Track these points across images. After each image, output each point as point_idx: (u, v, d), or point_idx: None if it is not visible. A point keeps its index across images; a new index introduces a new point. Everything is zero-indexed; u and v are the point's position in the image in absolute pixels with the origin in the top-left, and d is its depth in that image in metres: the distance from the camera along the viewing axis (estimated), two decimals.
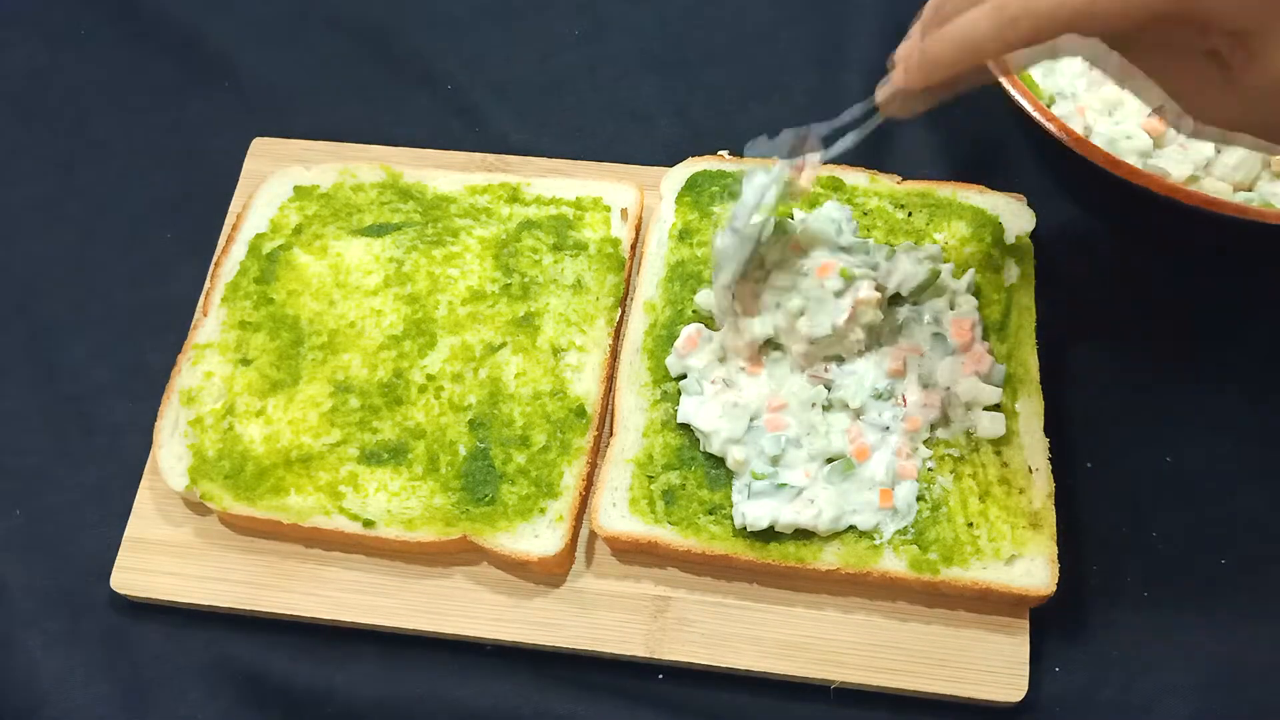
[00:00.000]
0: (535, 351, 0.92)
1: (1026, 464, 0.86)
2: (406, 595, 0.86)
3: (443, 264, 0.96)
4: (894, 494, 0.84)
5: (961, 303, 0.90)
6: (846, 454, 0.85)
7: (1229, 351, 0.95)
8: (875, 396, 0.86)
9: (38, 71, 1.15)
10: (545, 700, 0.84)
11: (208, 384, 0.91)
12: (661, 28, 1.15)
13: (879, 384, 0.87)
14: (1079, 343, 0.96)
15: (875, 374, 0.87)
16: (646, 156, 1.03)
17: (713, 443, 0.86)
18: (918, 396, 0.86)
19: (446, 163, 1.04)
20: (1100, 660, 0.85)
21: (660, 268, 0.95)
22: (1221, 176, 0.94)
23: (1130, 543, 0.88)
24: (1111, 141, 0.94)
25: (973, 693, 0.82)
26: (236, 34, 1.16)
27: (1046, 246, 0.96)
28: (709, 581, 0.86)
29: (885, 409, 0.86)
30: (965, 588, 0.82)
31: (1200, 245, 0.98)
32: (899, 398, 0.86)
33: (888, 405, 0.86)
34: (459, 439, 0.88)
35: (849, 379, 0.87)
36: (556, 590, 0.86)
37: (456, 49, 1.14)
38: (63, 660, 0.87)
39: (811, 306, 0.86)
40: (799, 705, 0.84)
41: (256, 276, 0.96)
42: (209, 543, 0.89)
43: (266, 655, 0.87)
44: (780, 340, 0.88)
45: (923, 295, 0.89)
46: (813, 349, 0.86)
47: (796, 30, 1.13)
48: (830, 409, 0.87)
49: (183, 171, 1.08)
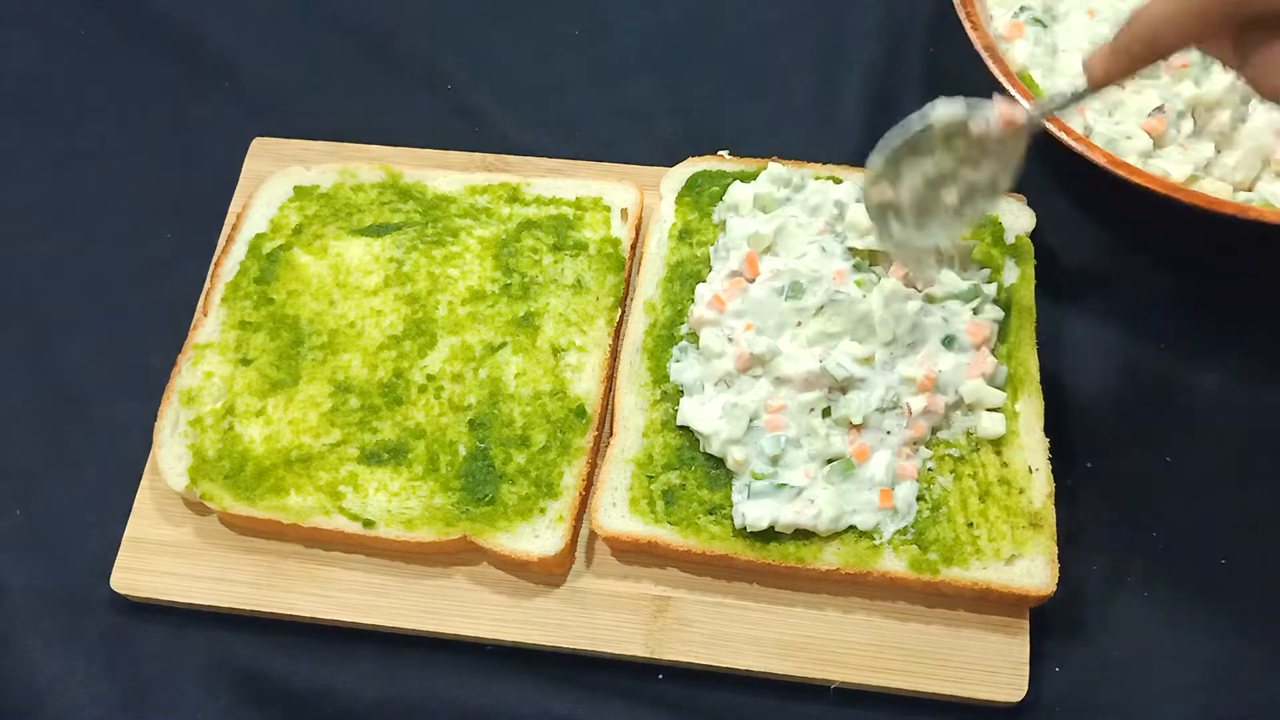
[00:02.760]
0: (535, 351, 0.92)
1: (1026, 464, 0.86)
2: (406, 595, 0.86)
3: (443, 264, 0.96)
4: (894, 494, 0.84)
5: (986, 309, 0.90)
6: (846, 454, 0.85)
7: (1229, 351, 0.95)
8: (880, 410, 0.86)
9: (38, 71, 1.15)
10: (545, 700, 0.84)
11: (208, 384, 0.91)
12: (661, 28, 1.15)
13: (886, 398, 0.86)
14: (1079, 343, 0.96)
15: (882, 390, 0.86)
16: (646, 156, 1.03)
17: (712, 444, 0.86)
18: (923, 404, 0.86)
19: (446, 163, 1.04)
20: (1100, 660, 0.85)
21: (660, 268, 0.95)
22: (1221, 176, 0.94)
23: (1130, 543, 0.88)
24: (1111, 141, 0.94)
25: (973, 693, 0.82)
26: (236, 34, 1.16)
27: (1046, 246, 0.96)
28: (709, 581, 0.86)
29: (888, 419, 0.86)
30: (965, 588, 0.82)
31: (1200, 245, 0.98)
32: (904, 407, 0.86)
33: (891, 415, 0.86)
34: (459, 439, 0.88)
35: (853, 397, 0.86)
36: (556, 590, 0.86)
37: (456, 49, 1.14)
38: (63, 660, 0.87)
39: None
40: (799, 705, 0.84)
41: (256, 276, 0.96)
42: (209, 543, 0.89)
43: (266, 655, 0.87)
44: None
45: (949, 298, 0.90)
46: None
47: (796, 30, 1.13)
48: (829, 415, 0.87)
49: (183, 171, 1.08)
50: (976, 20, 0.96)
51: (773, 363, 0.87)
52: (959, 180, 0.80)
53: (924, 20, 1.11)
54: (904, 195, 0.82)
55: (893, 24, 1.12)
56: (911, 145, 0.79)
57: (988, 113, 0.77)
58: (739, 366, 0.87)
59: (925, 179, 0.81)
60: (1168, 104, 0.95)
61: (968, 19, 0.96)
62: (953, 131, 0.78)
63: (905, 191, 0.82)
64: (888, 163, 0.80)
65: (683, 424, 0.87)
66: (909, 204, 0.82)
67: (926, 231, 0.83)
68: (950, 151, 0.79)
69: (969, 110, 0.77)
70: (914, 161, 0.80)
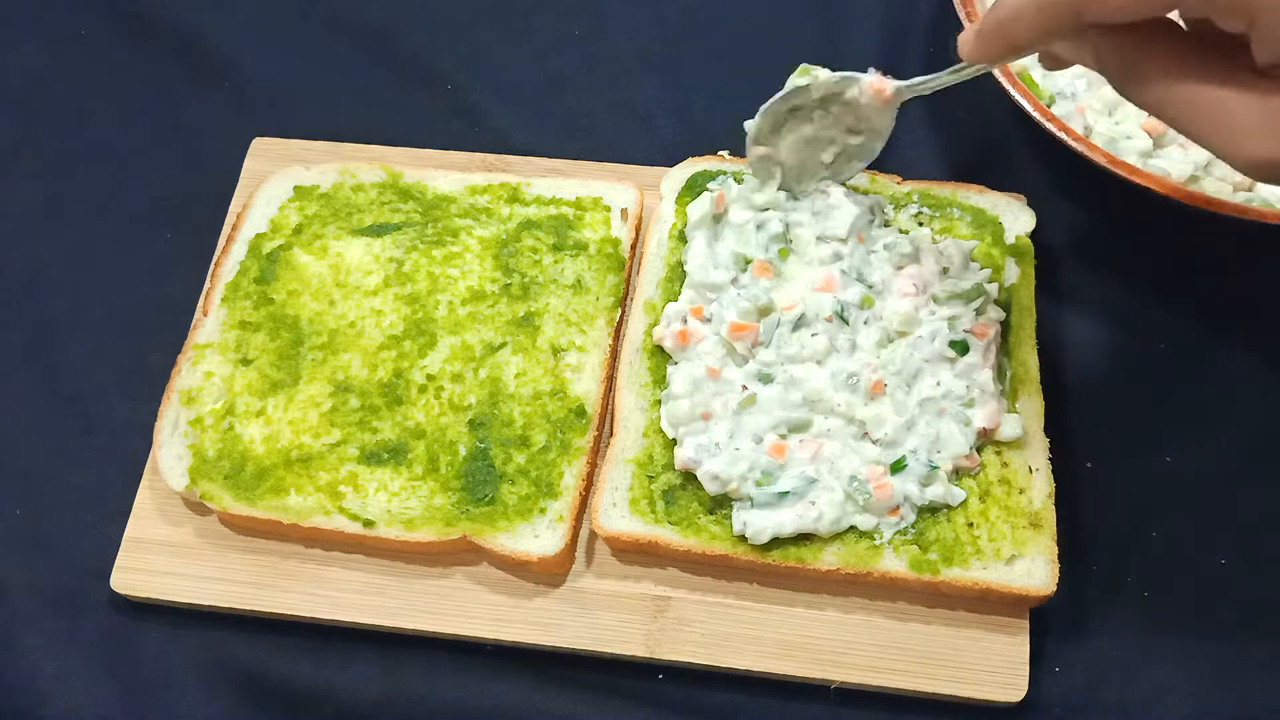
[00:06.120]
0: (535, 351, 0.92)
1: (1026, 464, 0.86)
2: (406, 595, 0.86)
3: (443, 264, 0.95)
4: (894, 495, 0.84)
5: (989, 310, 0.90)
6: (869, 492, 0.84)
7: (1229, 351, 0.95)
8: (853, 480, 0.84)
9: (38, 71, 1.15)
10: (545, 700, 0.84)
11: (208, 384, 0.91)
12: (661, 27, 1.15)
13: (860, 472, 0.84)
14: (1079, 343, 0.96)
15: (859, 460, 0.84)
16: (646, 156, 1.03)
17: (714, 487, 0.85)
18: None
19: (446, 163, 1.04)
20: (1100, 660, 0.85)
21: (660, 268, 0.95)
22: (1221, 176, 0.94)
23: (1130, 543, 0.88)
24: (1111, 141, 0.94)
25: (973, 693, 0.82)
26: (236, 34, 1.16)
27: (1046, 246, 0.96)
28: (709, 581, 0.86)
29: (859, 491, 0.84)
30: (965, 588, 0.82)
31: (1200, 245, 0.98)
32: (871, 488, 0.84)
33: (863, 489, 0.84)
34: (459, 439, 0.88)
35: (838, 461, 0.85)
36: (556, 590, 0.86)
37: (456, 49, 1.14)
38: (63, 660, 0.87)
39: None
40: (799, 705, 0.84)
41: (256, 276, 0.96)
42: (209, 543, 0.89)
43: (266, 655, 0.87)
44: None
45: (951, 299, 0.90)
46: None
47: (796, 30, 1.13)
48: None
49: (183, 171, 1.08)
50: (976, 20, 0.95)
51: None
52: (835, 143, 0.91)
53: (924, 20, 1.11)
54: (783, 153, 0.91)
55: (893, 24, 1.12)
56: (792, 108, 0.88)
57: (861, 82, 0.85)
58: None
59: (803, 139, 0.90)
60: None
61: (968, 19, 0.96)
62: (829, 97, 0.87)
63: (785, 150, 0.91)
64: (770, 121, 0.89)
65: (687, 469, 0.86)
66: (788, 160, 0.92)
67: (801, 184, 0.93)
68: (827, 115, 0.89)
69: (844, 78, 0.86)
70: (794, 124, 0.90)
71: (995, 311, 0.90)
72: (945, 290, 0.89)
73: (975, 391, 0.86)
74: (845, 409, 0.85)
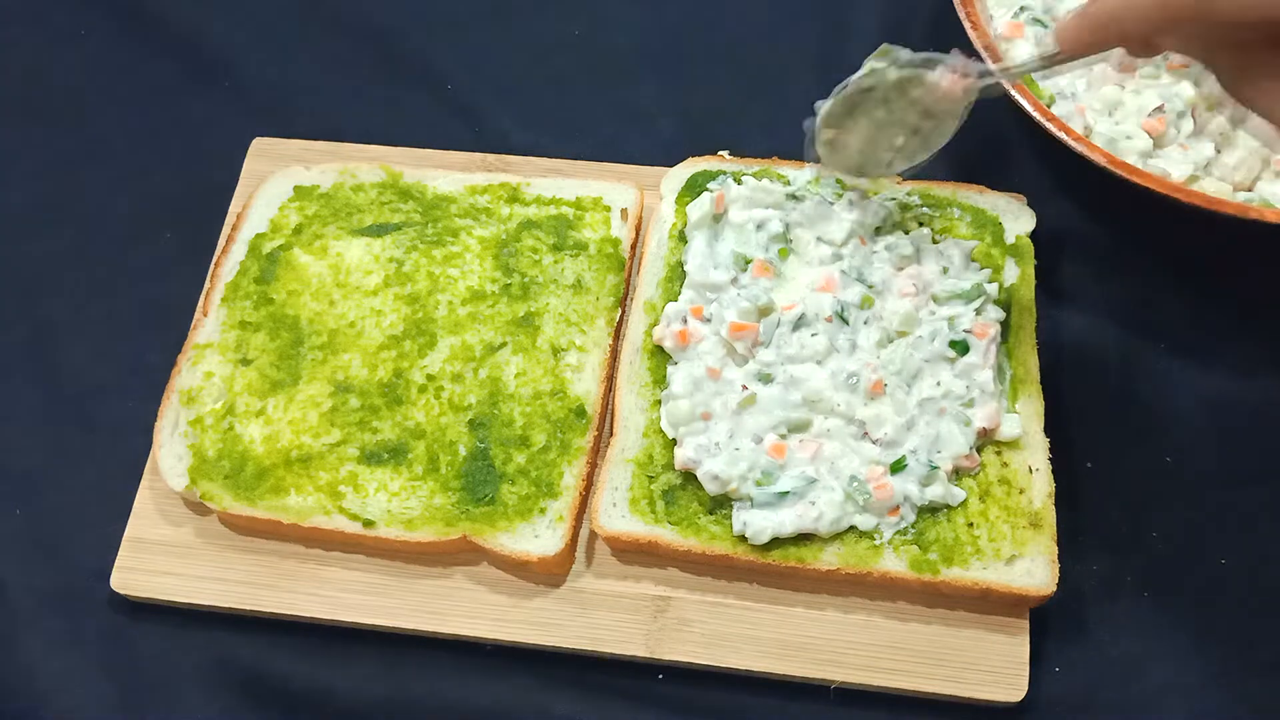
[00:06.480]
0: (535, 351, 0.92)
1: (1026, 464, 0.86)
2: (406, 595, 0.86)
3: (443, 264, 0.96)
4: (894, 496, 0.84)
5: (989, 310, 0.90)
6: (869, 493, 0.84)
7: (1229, 351, 0.95)
8: (853, 480, 0.84)
9: (38, 71, 1.15)
10: (545, 700, 0.84)
11: (208, 384, 0.91)
12: (661, 28, 1.15)
13: (860, 472, 0.84)
14: (1079, 343, 0.96)
15: (859, 460, 0.85)
16: (646, 156, 1.03)
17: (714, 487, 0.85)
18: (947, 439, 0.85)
19: (446, 163, 1.04)
20: (1100, 660, 0.85)
21: (660, 268, 0.95)
22: (1221, 176, 0.94)
23: (1130, 543, 0.88)
24: (1111, 141, 0.94)
25: (973, 693, 0.82)
26: (236, 34, 1.16)
27: (1046, 246, 0.96)
28: (709, 581, 0.86)
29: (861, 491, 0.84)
30: (965, 588, 0.82)
31: (1200, 245, 0.98)
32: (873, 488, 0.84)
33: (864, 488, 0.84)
34: (459, 439, 0.88)
35: (838, 462, 0.85)
36: (556, 590, 0.86)
37: (456, 49, 1.14)
38: (63, 660, 0.87)
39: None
40: (799, 705, 0.84)
41: (256, 276, 0.96)
42: (209, 543, 0.89)
43: (266, 655, 0.87)
44: None
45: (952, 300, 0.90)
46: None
47: (796, 30, 1.13)
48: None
49: (183, 171, 1.08)
50: (976, 20, 0.96)
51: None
52: (906, 126, 0.85)
53: (924, 20, 1.11)
54: (852, 138, 0.87)
55: (893, 24, 1.11)
56: (865, 89, 0.83)
57: (943, 64, 0.81)
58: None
59: (875, 122, 0.86)
60: (1168, 104, 0.95)
61: (968, 19, 0.96)
62: (907, 81, 0.82)
63: (854, 135, 0.87)
64: (844, 105, 0.85)
65: (687, 469, 0.86)
66: (856, 144, 0.87)
67: (870, 169, 0.89)
68: (903, 98, 0.83)
69: (926, 59, 0.81)
70: (867, 106, 0.85)
71: (995, 311, 0.90)
72: (945, 290, 0.89)
73: (975, 391, 0.86)
74: (845, 409, 0.85)
